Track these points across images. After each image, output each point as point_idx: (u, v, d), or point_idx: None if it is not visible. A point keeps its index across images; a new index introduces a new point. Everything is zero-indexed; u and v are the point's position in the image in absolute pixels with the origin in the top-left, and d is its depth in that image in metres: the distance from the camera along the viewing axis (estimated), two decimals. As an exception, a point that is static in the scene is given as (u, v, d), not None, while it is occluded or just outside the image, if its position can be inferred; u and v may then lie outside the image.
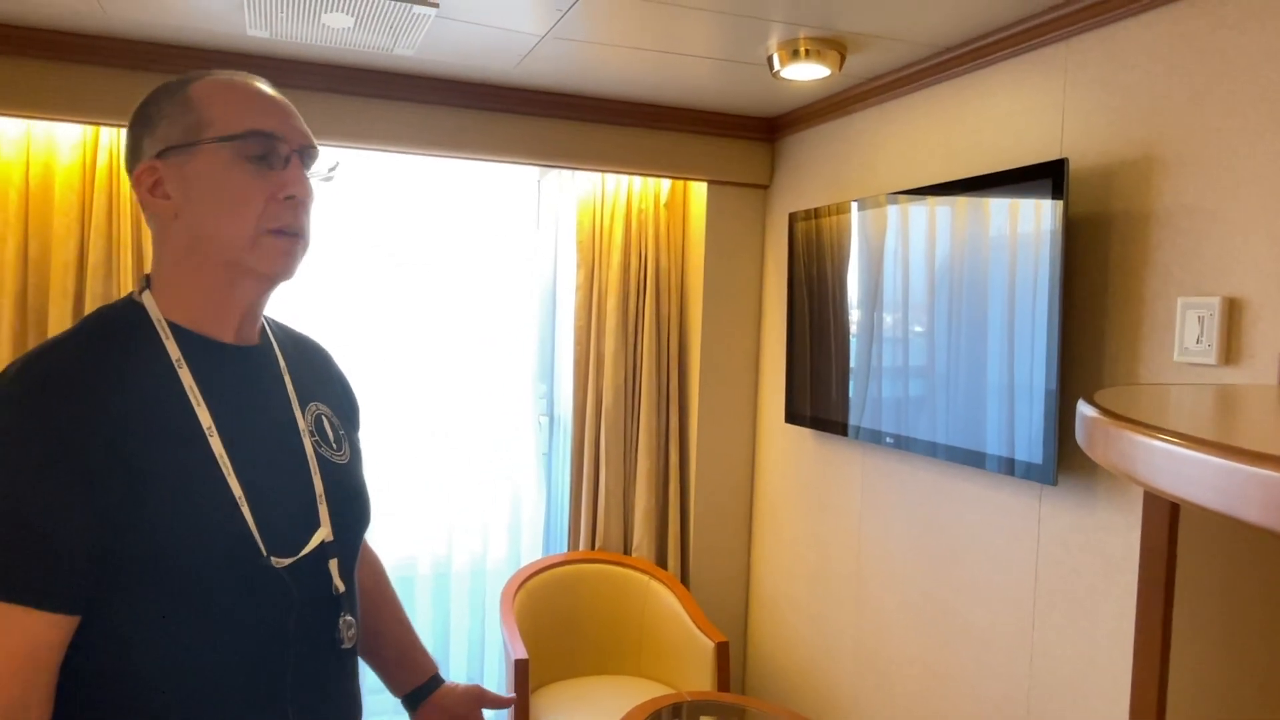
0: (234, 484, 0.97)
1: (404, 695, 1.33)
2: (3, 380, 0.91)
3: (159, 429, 0.94)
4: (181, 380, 0.98)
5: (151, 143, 1.00)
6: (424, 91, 2.79)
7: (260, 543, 0.97)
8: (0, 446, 0.87)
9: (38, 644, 0.86)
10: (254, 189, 0.98)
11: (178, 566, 0.92)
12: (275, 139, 1.00)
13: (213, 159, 0.98)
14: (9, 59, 2.42)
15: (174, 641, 0.93)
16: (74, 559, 0.87)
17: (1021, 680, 2.15)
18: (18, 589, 0.85)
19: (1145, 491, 0.72)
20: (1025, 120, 2.17)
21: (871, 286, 2.60)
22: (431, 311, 3.21)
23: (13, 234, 2.56)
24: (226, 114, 0.98)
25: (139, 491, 0.90)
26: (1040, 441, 2.00)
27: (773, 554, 3.23)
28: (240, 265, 1.00)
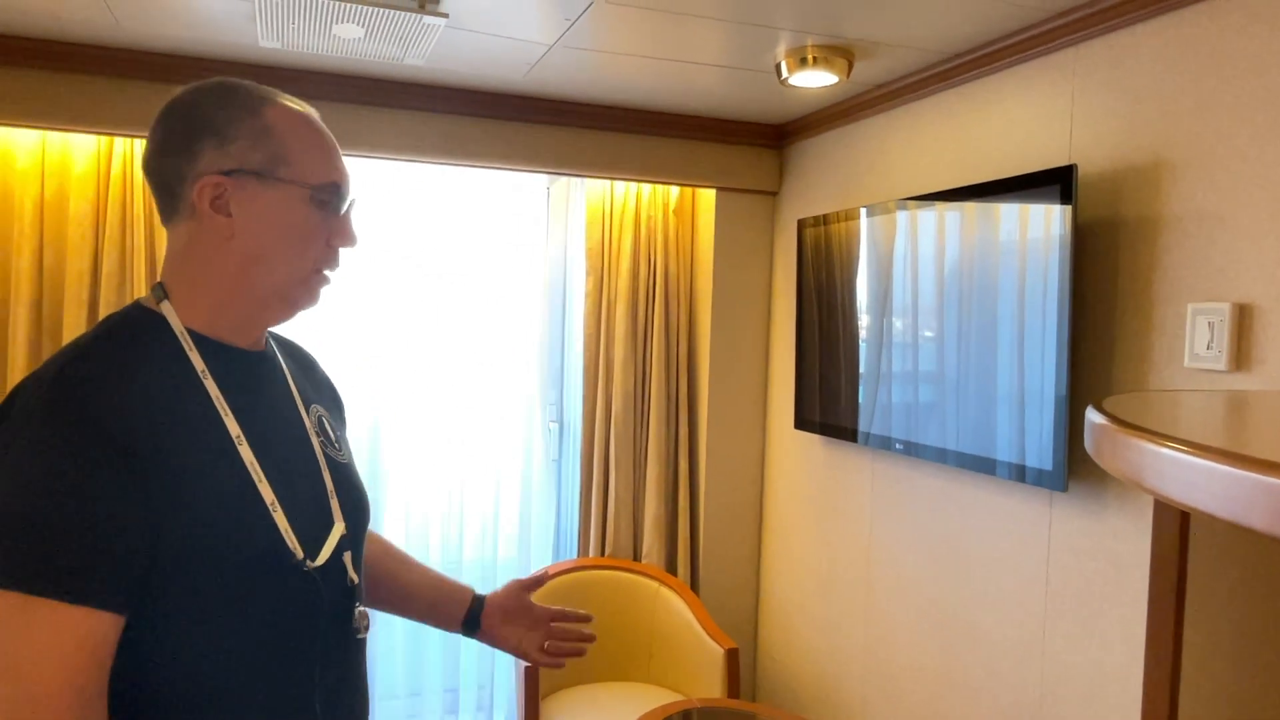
0: (266, 491, 0.99)
1: (461, 622, 1.36)
2: (40, 386, 0.92)
3: (190, 435, 0.96)
4: (207, 390, 1.00)
5: (220, 157, 0.99)
6: (433, 100, 2.81)
7: (294, 547, 1.00)
8: (44, 449, 0.88)
9: (90, 644, 0.87)
10: (318, 234, 1.04)
11: (217, 571, 0.94)
12: (342, 189, 1.06)
13: (289, 198, 1.02)
14: (25, 71, 2.44)
15: (211, 642, 0.95)
16: (121, 558, 0.88)
17: (1032, 688, 2.15)
18: (69, 587, 0.86)
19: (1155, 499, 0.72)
20: (1033, 126, 2.17)
21: (880, 292, 2.60)
22: (441, 318, 3.22)
23: (28, 243, 2.59)
24: (310, 158, 1.03)
25: (179, 495, 0.92)
26: (1050, 448, 1.99)
27: (782, 560, 3.22)
28: (285, 298, 1.05)
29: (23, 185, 2.58)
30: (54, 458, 0.88)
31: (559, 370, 3.41)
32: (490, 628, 1.36)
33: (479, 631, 1.36)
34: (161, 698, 0.94)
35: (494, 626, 1.36)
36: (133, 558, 0.89)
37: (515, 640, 1.36)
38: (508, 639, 1.36)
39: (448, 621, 1.36)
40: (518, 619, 1.37)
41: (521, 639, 1.37)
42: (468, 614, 1.36)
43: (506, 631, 1.36)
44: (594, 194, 3.24)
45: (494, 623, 1.36)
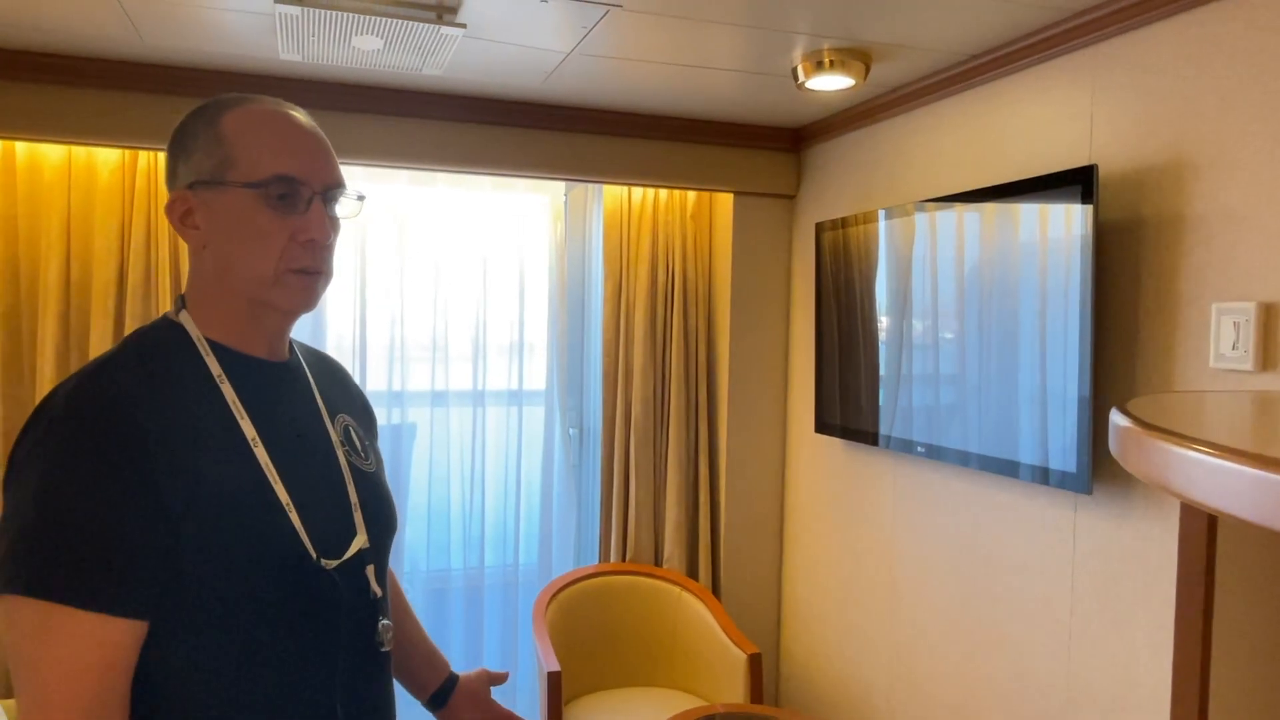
0: (281, 492, 1.00)
1: (430, 695, 1.38)
2: (59, 398, 0.94)
3: (208, 441, 0.97)
4: (224, 395, 1.01)
5: (185, 171, 1.02)
6: (452, 109, 2.83)
7: (310, 547, 1.01)
8: (64, 460, 0.89)
9: (111, 650, 0.89)
10: (275, 231, 1.01)
11: (234, 573, 0.95)
12: (298, 183, 1.01)
13: (237, 200, 1.00)
14: (51, 87, 2.48)
15: (232, 647, 0.96)
16: (141, 565, 0.90)
17: (1059, 692, 2.13)
18: (90, 596, 0.87)
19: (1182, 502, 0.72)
20: (1053, 126, 2.16)
21: (900, 295, 2.59)
22: (461, 324, 3.24)
23: (55, 256, 2.63)
24: (252, 156, 1.00)
25: (196, 499, 0.93)
26: (1074, 450, 1.98)
27: (804, 565, 3.21)
28: (263, 300, 1.03)
29: (50, 199, 2.62)
30: (73, 467, 0.89)
31: (578, 376, 3.41)
32: (454, 708, 1.38)
33: (443, 710, 1.38)
34: (183, 703, 0.95)
35: (457, 707, 1.38)
36: (151, 564, 0.90)
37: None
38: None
39: (418, 688, 1.38)
40: (478, 708, 1.39)
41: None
42: (440, 689, 1.38)
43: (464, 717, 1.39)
44: (611, 199, 3.25)
45: (459, 704, 1.38)
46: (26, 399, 2.65)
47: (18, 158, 2.61)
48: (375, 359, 3.13)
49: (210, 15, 2.14)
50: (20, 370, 2.65)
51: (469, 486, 3.26)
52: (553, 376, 3.36)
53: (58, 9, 2.11)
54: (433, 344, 3.21)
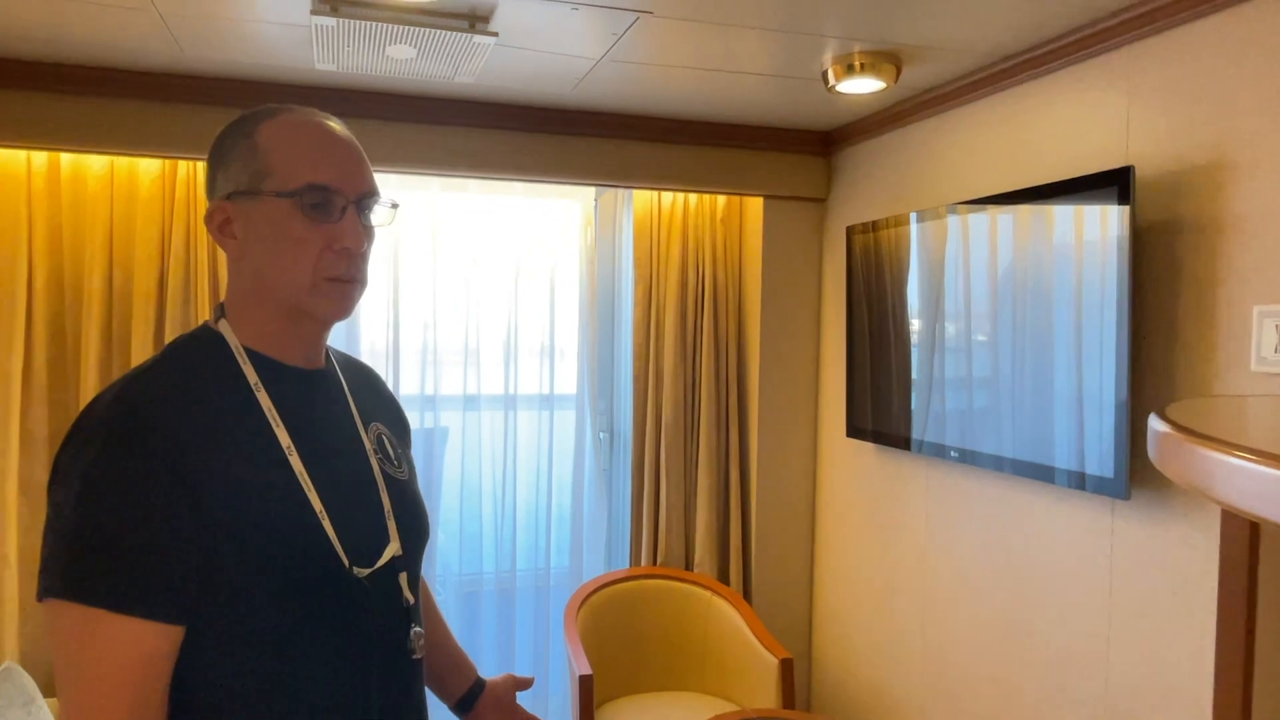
0: (314, 499, 1.01)
1: (457, 700, 1.39)
2: (100, 406, 0.96)
3: (244, 448, 0.99)
4: (260, 403, 1.03)
5: (224, 182, 1.04)
6: (482, 116, 2.85)
7: (343, 555, 1.02)
8: (104, 467, 0.91)
9: (149, 654, 0.90)
10: (310, 240, 1.02)
11: (267, 579, 0.96)
12: (331, 192, 1.02)
13: (273, 209, 1.02)
14: (94, 99, 2.54)
15: (265, 652, 0.97)
16: (178, 570, 0.91)
17: (1097, 700, 2.10)
18: (128, 601, 0.89)
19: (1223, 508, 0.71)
20: (1088, 128, 2.14)
21: (932, 298, 2.57)
22: (492, 328, 3.26)
23: (99, 265, 2.69)
24: (286, 166, 1.01)
25: (231, 506, 0.95)
26: (1111, 455, 1.95)
27: (836, 570, 3.20)
28: (299, 308, 1.05)
29: (94, 209, 2.68)
30: (113, 474, 0.91)
31: (609, 380, 3.43)
32: (480, 713, 1.39)
33: (470, 714, 1.39)
34: (217, 709, 0.96)
35: (485, 713, 1.39)
36: (188, 570, 0.92)
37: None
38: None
39: (445, 693, 1.39)
40: (504, 714, 1.40)
41: None
42: (467, 693, 1.39)
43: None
44: (641, 204, 3.26)
45: (486, 709, 1.39)
46: (70, 404, 2.71)
47: (63, 169, 2.67)
48: (408, 363, 3.17)
49: (249, 28, 2.18)
50: (65, 376, 2.71)
51: (500, 490, 3.29)
52: (583, 380, 3.37)
53: (104, 24, 2.16)
54: (465, 348, 3.24)
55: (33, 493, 2.66)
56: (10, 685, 2.09)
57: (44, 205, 2.65)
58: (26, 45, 2.33)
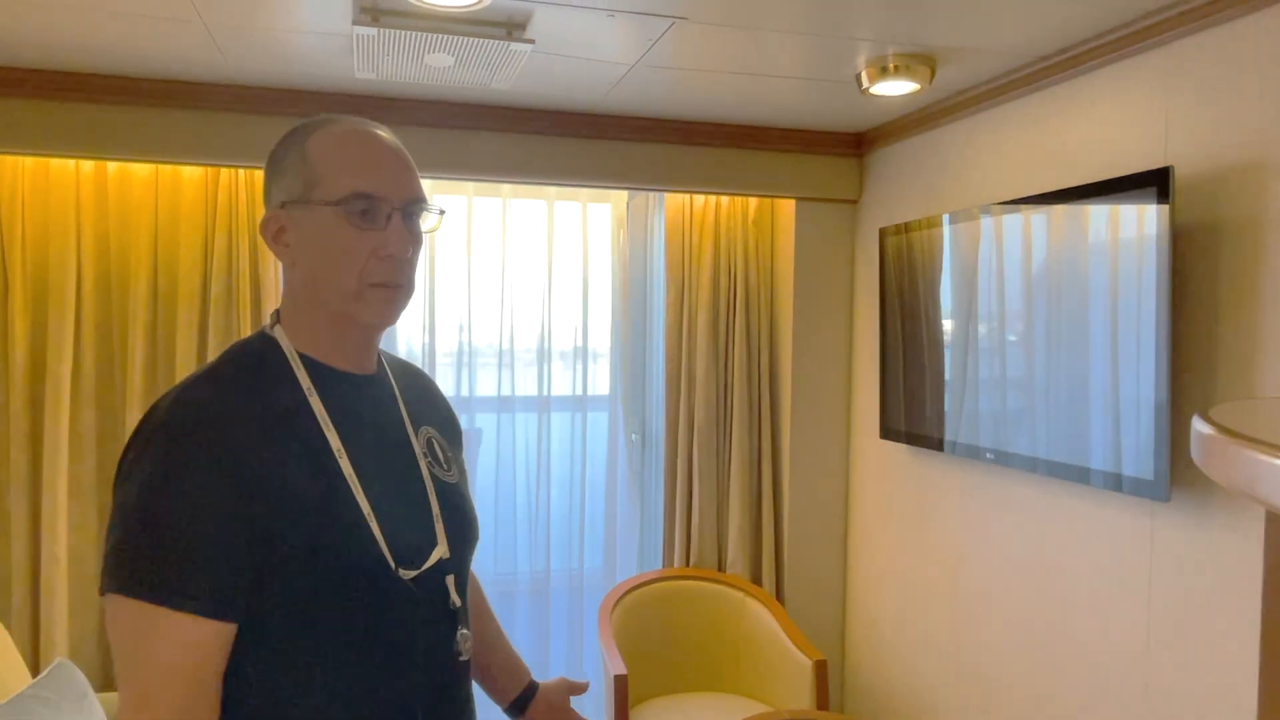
0: (363, 502, 1.04)
1: (510, 702, 1.41)
2: (161, 409, 1.00)
3: (296, 451, 1.02)
4: (313, 407, 1.06)
5: (278, 192, 1.08)
6: (517, 122, 2.89)
7: (389, 557, 1.04)
8: (163, 468, 0.95)
9: (202, 649, 0.94)
10: (357, 247, 1.04)
11: (316, 578, 0.99)
12: (377, 200, 1.05)
13: (321, 218, 1.05)
14: (140, 109, 2.61)
15: (312, 652, 1.00)
16: (231, 570, 0.94)
17: (1136, 704, 2.08)
18: (183, 598, 0.92)
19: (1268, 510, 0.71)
20: (1125, 128, 2.13)
21: (966, 300, 2.57)
22: (526, 331, 3.30)
23: (144, 271, 2.75)
24: (333, 175, 1.04)
25: (282, 507, 0.97)
26: (1151, 457, 1.94)
27: (870, 571, 3.19)
28: (347, 315, 1.08)
29: (139, 216, 2.75)
30: (171, 475, 0.94)
31: (641, 382, 3.45)
32: (534, 716, 1.41)
33: (522, 717, 1.41)
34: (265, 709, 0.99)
35: (538, 716, 1.41)
36: (240, 570, 0.95)
37: None
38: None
39: (499, 694, 1.41)
40: (557, 718, 1.42)
41: None
42: (520, 696, 1.40)
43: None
44: (673, 207, 3.28)
45: (539, 713, 1.41)
46: (117, 407, 2.78)
47: (109, 177, 2.74)
48: (443, 365, 3.21)
49: (291, 38, 2.23)
50: (112, 379, 2.78)
51: (534, 491, 3.32)
52: (616, 382, 3.40)
53: (152, 37, 2.22)
54: (499, 350, 3.27)
55: (82, 494, 2.73)
56: (63, 680, 2.15)
57: (92, 212, 2.73)
58: (77, 58, 2.40)
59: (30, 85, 2.51)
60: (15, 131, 2.52)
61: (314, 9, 2.03)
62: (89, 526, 2.74)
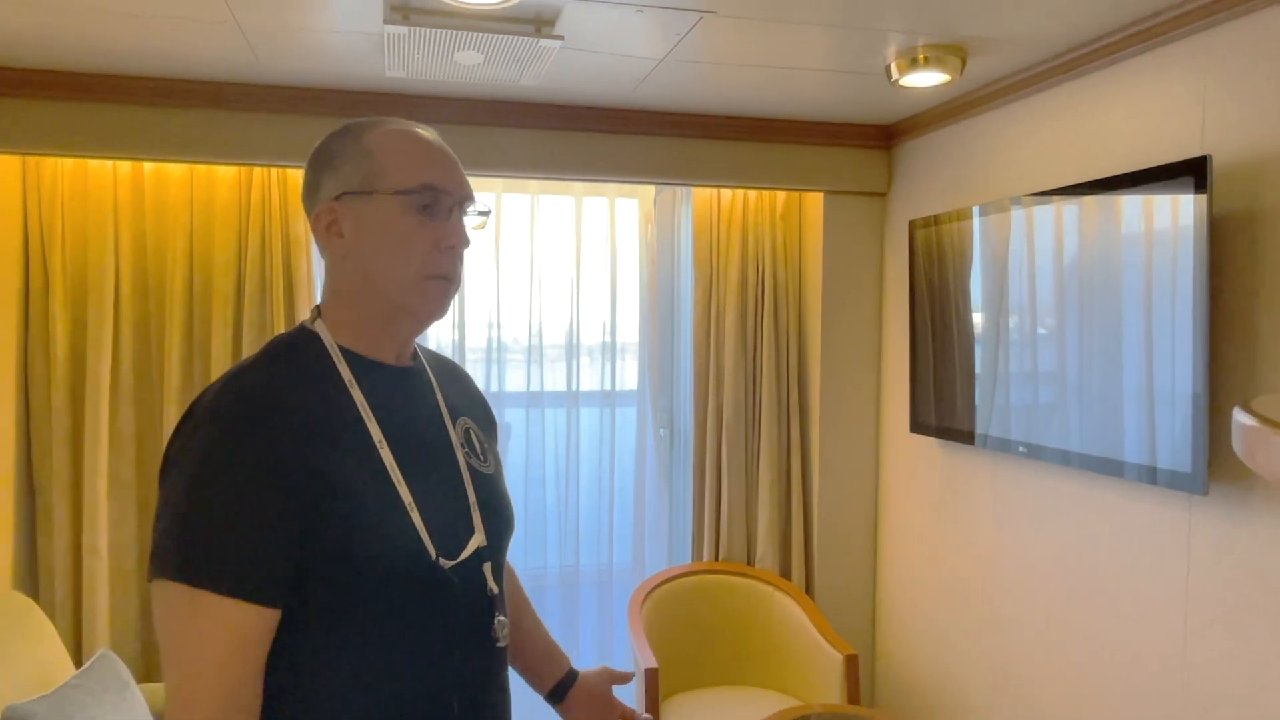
0: (404, 491, 1.06)
1: (549, 690, 1.41)
2: (205, 400, 1.02)
3: (337, 441, 1.03)
4: (354, 398, 1.08)
5: (332, 184, 1.09)
6: (546, 117, 2.90)
7: (429, 546, 1.06)
8: (209, 457, 0.97)
9: (246, 634, 0.96)
10: (419, 237, 1.07)
11: (355, 567, 1.00)
12: (441, 193, 1.09)
13: (386, 207, 1.07)
14: (176, 110, 2.65)
15: (352, 638, 1.02)
16: (276, 556, 0.96)
17: (1174, 699, 2.06)
18: (229, 583, 0.94)
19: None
20: (1161, 117, 2.10)
21: (997, 292, 2.55)
22: (554, 325, 3.31)
23: (180, 269, 2.80)
24: (401, 167, 1.07)
25: (325, 496, 0.99)
26: (1188, 449, 1.92)
27: (900, 566, 3.18)
28: (402, 306, 1.10)
29: (175, 215, 2.80)
30: (217, 463, 0.97)
31: (669, 377, 3.45)
32: (572, 703, 1.40)
33: (561, 704, 1.41)
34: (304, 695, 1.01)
35: (576, 703, 1.41)
36: (284, 556, 0.96)
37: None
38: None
39: (538, 682, 1.41)
40: (597, 705, 1.41)
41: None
42: (559, 684, 1.41)
43: (582, 714, 1.40)
44: (701, 201, 3.27)
45: (578, 700, 1.41)
46: (155, 404, 2.83)
47: (145, 177, 2.79)
48: (473, 361, 3.23)
49: (322, 38, 2.25)
50: (150, 377, 2.83)
51: (563, 485, 3.34)
52: (644, 377, 3.41)
53: (187, 38, 2.25)
54: (528, 346, 3.29)
55: (121, 490, 2.79)
56: (106, 671, 2.20)
57: (129, 213, 2.77)
58: (115, 61, 2.44)
59: (69, 88, 2.56)
60: (54, 134, 2.57)
61: (346, 9, 2.05)
62: (128, 522, 2.79)
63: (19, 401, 2.72)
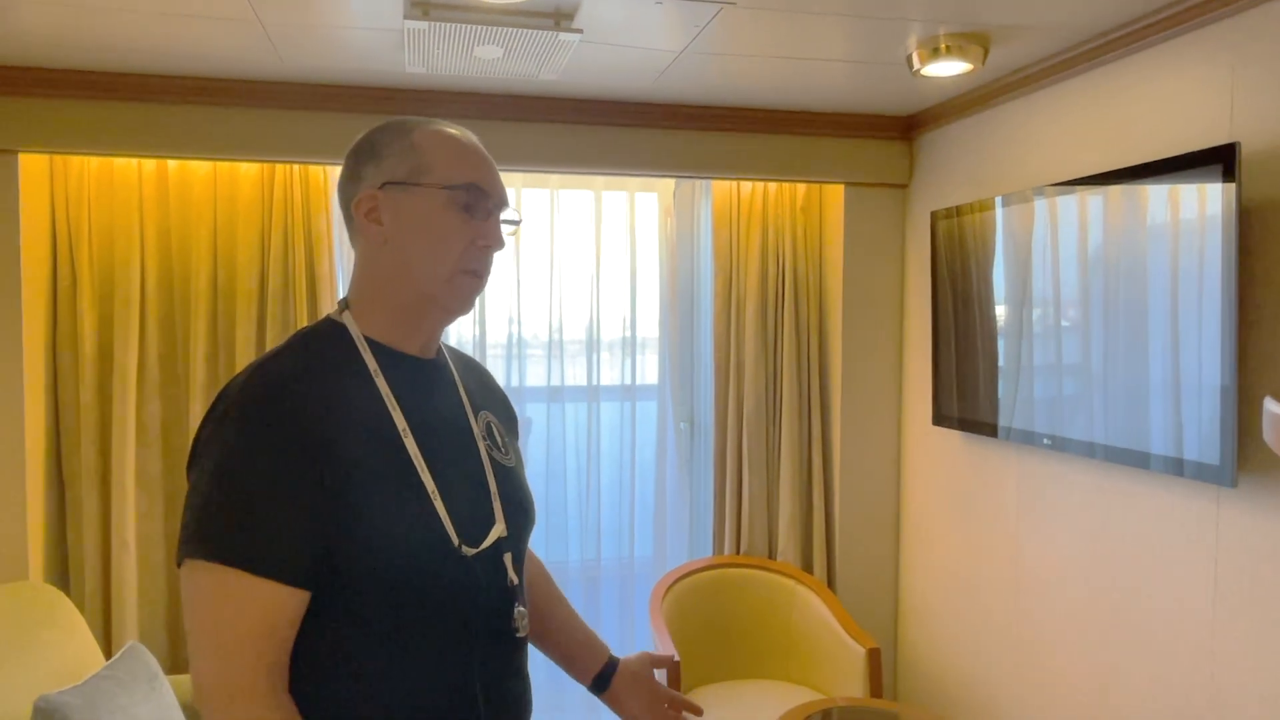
0: (428, 480, 1.07)
1: (591, 679, 1.41)
2: (234, 388, 1.04)
3: (363, 429, 1.05)
4: (379, 388, 1.09)
5: (375, 174, 1.11)
6: (565, 112, 2.90)
7: (452, 533, 1.07)
8: (238, 441, 0.99)
9: (276, 613, 0.97)
10: (459, 233, 1.11)
11: (381, 553, 1.02)
12: (484, 194, 1.12)
13: (430, 200, 1.10)
14: (198, 107, 2.67)
15: (375, 625, 1.03)
16: (303, 537, 0.98)
17: (1199, 692, 2.04)
18: (261, 563, 0.96)
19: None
20: (1188, 104, 2.07)
21: (1020, 283, 2.52)
22: (574, 320, 3.32)
23: (204, 267, 2.83)
24: (449, 164, 1.11)
25: (350, 482, 1.01)
26: (1216, 441, 1.90)
27: (923, 559, 3.17)
28: (432, 297, 1.12)
29: (199, 212, 2.82)
30: (245, 448, 0.98)
31: (689, 370, 3.45)
32: (617, 690, 1.40)
33: (605, 692, 1.41)
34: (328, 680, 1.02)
35: (621, 690, 1.40)
36: (311, 539, 0.98)
37: (635, 711, 1.40)
38: (629, 708, 1.40)
39: (580, 673, 1.41)
40: (641, 690, 1.41)
41: (640, 712, 1.40)
42: (600, 672, 1.41)
43: (629, 700, 1.40)
44: (721, 194, 3.27)
45: (622, 686, 1.40)
46: (181, 398, 2.86)
47: (170, 175, 2.82)
48: (494, 356, 3.24)
49: (344, 34, 2.26)
50: (175, 372, 2.86)
51: (584, 480, 3.34)
52: (664, 371, 3.41)
53: (211, 37, 2.27)
54: (548, 341, 3.30)
55: (148, 483, 2.82)
56: (136, 662, 2.23)
57: (154, 210, 2.80)
58: (139, 60, 2.47)
59: (94, 87, 2.58)
60: (80, 132, 2.60)
61: (366, 5, 2.06)
62: (155, 515, 2.83)
63: (48, 396, 2.76)
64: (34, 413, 2.68)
